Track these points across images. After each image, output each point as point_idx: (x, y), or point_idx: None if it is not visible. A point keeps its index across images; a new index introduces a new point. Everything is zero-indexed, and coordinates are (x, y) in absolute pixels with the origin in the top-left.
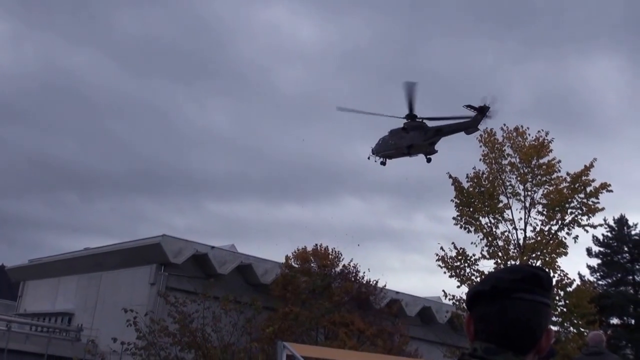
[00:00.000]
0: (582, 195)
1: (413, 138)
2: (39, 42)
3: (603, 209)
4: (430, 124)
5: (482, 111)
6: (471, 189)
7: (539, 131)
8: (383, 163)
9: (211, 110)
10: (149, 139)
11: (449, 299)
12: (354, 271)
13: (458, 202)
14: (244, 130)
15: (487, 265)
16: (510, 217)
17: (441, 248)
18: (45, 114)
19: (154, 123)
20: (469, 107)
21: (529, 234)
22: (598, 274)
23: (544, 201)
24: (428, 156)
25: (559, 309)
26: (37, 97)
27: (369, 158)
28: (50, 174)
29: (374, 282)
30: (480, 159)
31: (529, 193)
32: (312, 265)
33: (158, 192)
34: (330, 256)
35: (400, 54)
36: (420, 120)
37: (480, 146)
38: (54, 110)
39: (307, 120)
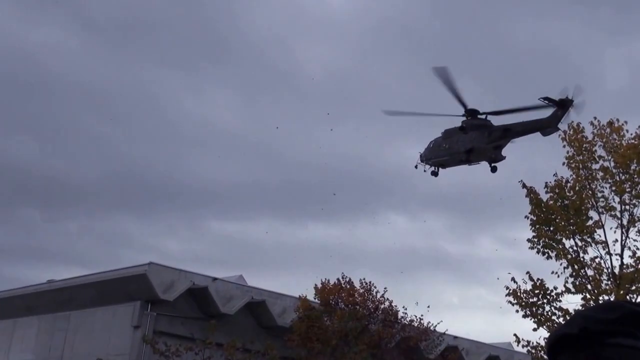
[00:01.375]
0: None
1: (473, 140)
2: None
3: None
4: (496, 121)
5: (564, 105)
6: (552, 203)
7: None
8: (435, 173)
9: (214, 100)
10: (133, 138)
11: (523, 346)
12: (390, 308)
13: (535, 219)
14: (257, 126)
15: (573, 302)
16: (603, 239)
17: (512, 280)
18: None
19: (140, 117)
20: (547, 99)
21: (627, 260)
22: None
23: None
24: (493, 164)
25: None
26: None
27: (416, 167)
28: (2, 182)
29: (425, 322)
30: (563, 163)
31: (627, 207)
32: (338, 304)
33: (144, 207)
34: (363, 291)
35: (456, 24)
36: (484, 117)
37: (564, 146)
38: (8, 101)
39: (338, 111)
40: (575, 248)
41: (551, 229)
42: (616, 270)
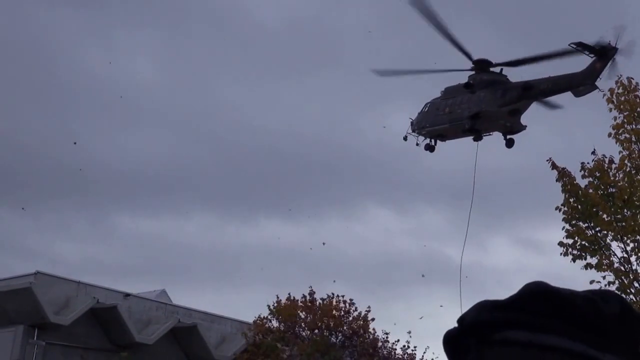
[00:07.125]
0: None
1: (483, 101)
2: None
3: None
4: (514, 76)
5: (604, 55)
6: (592, 191)
7: None
8: (430, 147)
9: (129, 49)
10: (12, 98)
11: None
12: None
13: (571, 212)
14: (188, 87)
15: None
16: None
17: None
18: None
19: (22, 70)
20: (580, 46)
21: None
22: None
23: None
24: (508, 135)
25: None
26: None
27: (405, 138)
28: None
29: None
30: (609, 135)
31: None
32: (301, 328)
33: (26, 195)
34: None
35: None
36: (499, 70)
37: (610, 109)
38: None
39: (303, 71)
40: (624, 253)
41: (592, 225)
42: None
